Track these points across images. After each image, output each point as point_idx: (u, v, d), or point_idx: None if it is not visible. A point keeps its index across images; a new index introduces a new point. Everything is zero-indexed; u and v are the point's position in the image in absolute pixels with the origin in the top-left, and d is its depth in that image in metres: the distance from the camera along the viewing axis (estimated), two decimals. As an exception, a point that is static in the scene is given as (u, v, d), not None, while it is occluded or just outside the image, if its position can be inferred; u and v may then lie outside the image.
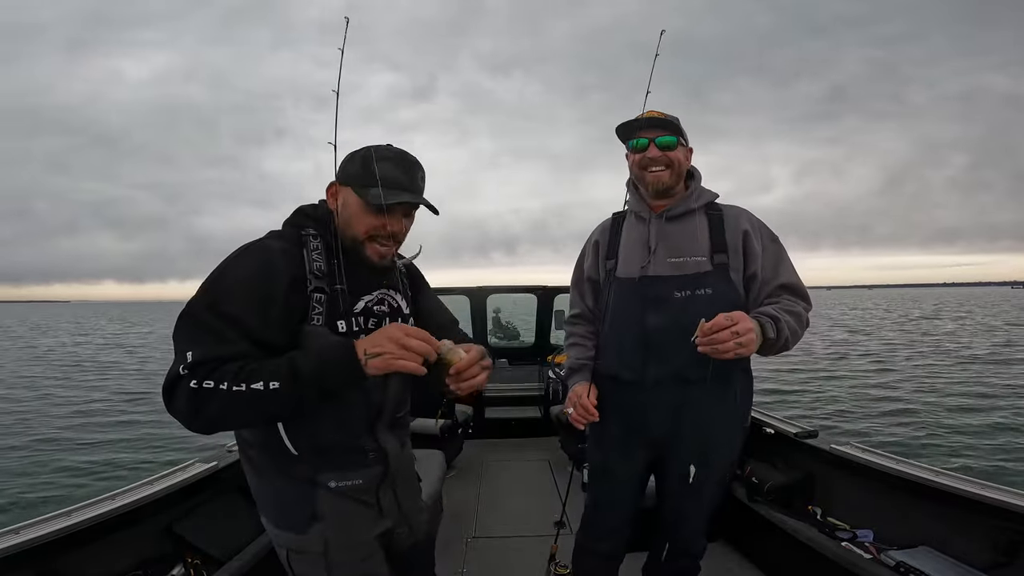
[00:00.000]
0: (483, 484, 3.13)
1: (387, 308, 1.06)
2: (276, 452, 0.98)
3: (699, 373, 1.23)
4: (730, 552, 2.21)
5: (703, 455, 1.33)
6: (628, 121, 1.31)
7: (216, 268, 0.91)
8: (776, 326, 1.15)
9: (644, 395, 1.33)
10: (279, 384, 0.81)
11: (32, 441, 7.39)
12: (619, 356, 1.36)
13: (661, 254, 1.32)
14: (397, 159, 0.97)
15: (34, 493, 5.41)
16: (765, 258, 1.30)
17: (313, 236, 0.98)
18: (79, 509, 1.44)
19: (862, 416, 8.26)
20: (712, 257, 1.29)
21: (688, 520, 1.44)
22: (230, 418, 0.86)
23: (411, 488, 1.20)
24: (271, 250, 0.93)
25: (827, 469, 2.02)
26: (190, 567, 1.56)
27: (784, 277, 1.29)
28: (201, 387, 0.80)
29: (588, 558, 1.56)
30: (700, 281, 1.28)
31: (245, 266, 0.91)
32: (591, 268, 1.49)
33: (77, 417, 8.85)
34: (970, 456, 6.22)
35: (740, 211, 1.36)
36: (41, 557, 1.29)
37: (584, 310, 1.52)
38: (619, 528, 1.51)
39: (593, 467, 1.54)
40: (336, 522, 1.01)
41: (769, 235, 1.34)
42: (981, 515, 1.48)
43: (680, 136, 1.32)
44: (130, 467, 6.21)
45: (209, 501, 1.78)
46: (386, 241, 0.99)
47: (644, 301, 1.31)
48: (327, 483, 1.00)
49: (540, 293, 4.40)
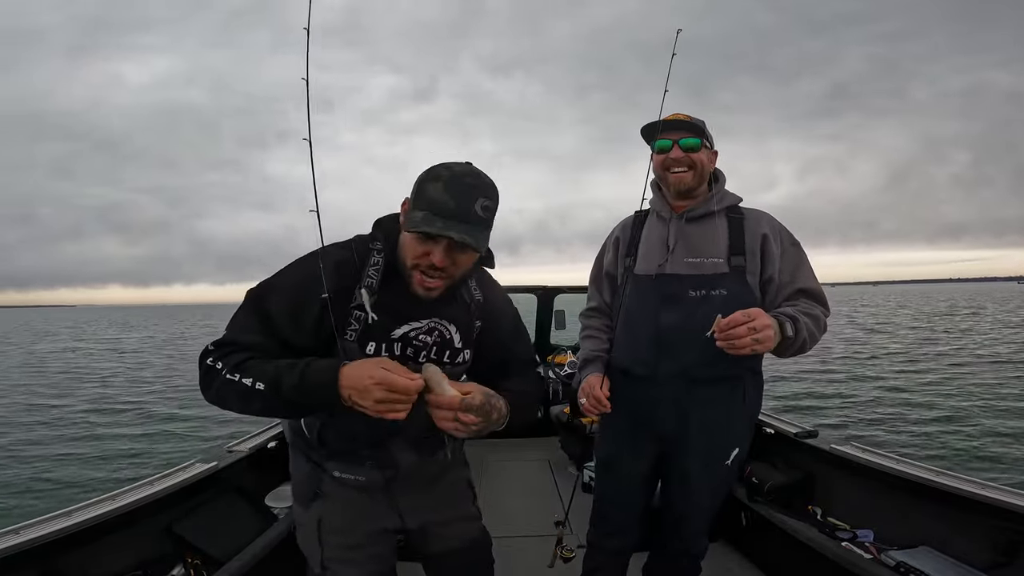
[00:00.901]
0: (483, 484, 3.13)
1: (434, 339, 1.00)
2: (300, 434, 1.08)
3: (708, 373, 1.26)
4: (730, 552, 2.20)
5: (708, 454, 1.34)
6: (652, 122, 1.32)
7: (283, 267, 0.97)
8: (795, 326, 1.15)
9: (654, 391, 1.34)
10: (263, 387, 0.83)
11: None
12: (632, 351, 1.37)
13: (679, 253, 1.34)
14: (450, 180, 0.86)
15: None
16: (784, 262, 1.31)
17: (378, 251, 0.95)
18: (79, 509, 1.44)
19: (901, 421, 7.68)
20: (729, 259, 1.30)
21: (690, 520, 1.44)
22: (228, 401, 0.88)
23: (434, 497, 1.17)
24: (327, 258, 0.91)
25: (827, 469, 2.02)
26: (190, 567, 1.56)
27: (802, 282, 1.29)
28: (213, 366, 0.87)
29: (596, 554, 1.56)
30: (716, 282, 1.29)
31: (297, 270, 0.95)
32: (610, 264, 1.51)
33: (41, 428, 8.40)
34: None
35: (761, 215, 1.36)
36: (41, 557, 1.29)
37: (601, 303, 1.53)
38: (627, 525, 1.51)
39: (600, 461, 1.55)
40: (333, 504, 1.09)
41: (789, 239, 1.34)
42: (981, 515, 1.47)
43: (704, 139, 1.33)
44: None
45: (209, 501, 1.78)
46: (433, 273, 0.90)
47: (659, 298, 1.33)
48: (332, 471, 1.08)
49: (540, 293, 4.40)
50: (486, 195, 0.89)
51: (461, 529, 1.22)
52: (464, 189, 0.86)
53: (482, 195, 0.88)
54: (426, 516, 1.15)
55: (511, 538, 2.42)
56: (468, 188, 0.87)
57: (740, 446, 1.39)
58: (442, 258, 0.88)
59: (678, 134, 1.31)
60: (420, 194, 0.88)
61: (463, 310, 1.05)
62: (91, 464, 6.56)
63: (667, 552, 1.53)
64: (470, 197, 0.86)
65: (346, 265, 0.94)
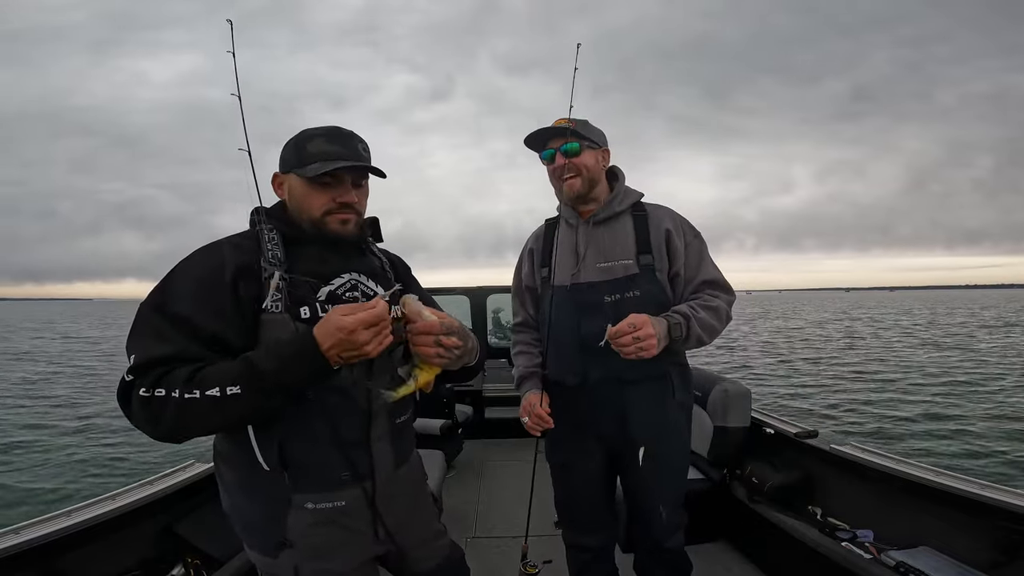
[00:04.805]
0: (483, 484, 3.13)
1: (360, 293, 0.98)
2: (246, 467, 0.90)
3: (635, 374, 1.30)
4: (730, 552, 2.20)
5: (653, 447, 1.36)
6: (534, 132, 1.34)
7: (169, 271, 0.88)
8: (686, 325, 1.23)
9: (589, 397, 1.38)
10: (240, 388, 0.76)
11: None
12: (561, 362, 1.40)
13: (590, 260, 1.36)
14: (328, 133, 0.93)
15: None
16: (688, 255, 1.35)
17: (268, 229, 0.93)
18: (79, 509, 1.44)
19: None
20: (638, 259, 1.33)
21: (653, 512, 1.44)
22: (191, 427, 0.78)
23: (412, 516, 1.09)
24: (220, 245, 0.91)
25: (827, 469, 2.02)
26: (190, 567, 1.56)
27: (705, 273, 1.35)
28: (153, 395, 0.76)
29: (579, 553, 1.57)
30: (628, 284, 1.32)
31: (192, 263, 0.88)
32: (527, 276, 1.53)
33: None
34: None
35: (664, 210, 1.40)
36: (41, 557, 1.29)
37: (527, 318, 1.56)
38: (598, 520, 1.52)
39: (554, 466, 1.54)
40: (309, 550, 0.92)
41: (692, 231, 1.38)
42: (981, 515, 1.47)
43: (585, 140, 1.33)
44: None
45: (209, 501, 1.77)
46: (344, 212, 0.95)
47: (577, 307, 1.36)
48: (303, 504, 0.91)
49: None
50: (361, 140, 0.96)
51: (436, 547, 1.16)
52: (344, 136, 0.94)
53: (358, 140, 0.95)
54: (404, 538, 1.05)
55: (511, 538, 2.42)
56: (347, 136, 0.94)
57: (681, 436, 1.43)
58: (350, 193, 0.94)
59: (558, 141, 1.33)
60: (302, 154, 0.92)
61: (376, 263, 1.07)
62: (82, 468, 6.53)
63: (645, 548, 1.54)
64: (352, 140, 0.94)
65: (242, 245, 0.91)
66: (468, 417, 3.55)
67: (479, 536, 2.48)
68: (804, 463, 2.11)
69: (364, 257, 1.05)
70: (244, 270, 0.87)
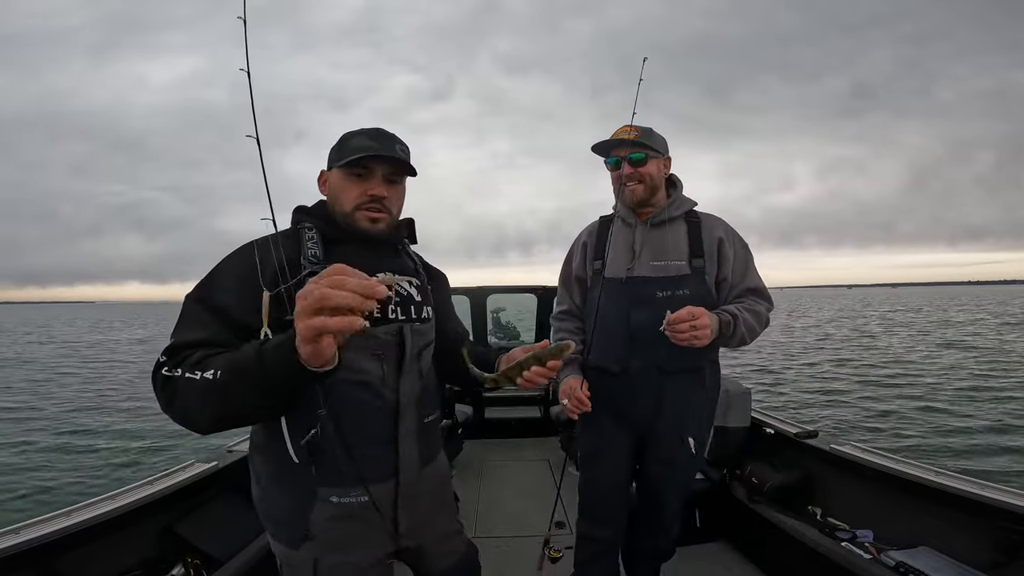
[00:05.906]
0: (483, 484, 3.13)
1: (395, 296, 0.98)
2: (277, 459, 0.91)
3: (674, 365, 1.40)
4: (730, 552, 2.20)
5: (680, 432, 1.46)
6: (602, 141, 1.43)
7: (214, 266, 0.90)
8: (734, 323, 1.33)
9: (630, 385, 1.45)
10: (227, 375, 0.72)
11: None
12: (607, 350, 1.47)
13: (645, 257, 1.45)
14: (371, 132, 0.96)
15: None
16: (736, 264, 1.45)
17: (308, 228, 0.96)
18: (79, 509, 1.44)
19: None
20: (691, 261, 1.43)
21: (665, 500, 1.54)
22: (191, 409, 0.75)
23: (433, 509, 1.10)
24: (262, 242, 0.91)
25: (827, 469, 2.02)
26: (190, 567, 1.56)
27: (750, 281, 1.46)
28: (171, 375, 0.76)
29: (588, 546, 1.62)
30: (680, 283, 1.41)
31: (234, 258, 0.90)
32: (579, 267, 1.61)
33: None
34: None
35: (716, 220, 1.49)
36: (41, 557, 1.29)
37: (572, 307, 1.63)
38: (616, 514, 1.59)
39: (585, 452, 1.62)
40: (329, 543, 0.94)
41: (740, 243, 1.48)
42: (981, 515, 1.48)
43: (650, 150, 1.41)
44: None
45: (209, 501, 1.78)
46: (374, 207, 0.96)
47: (629, 300, 1.44)
48: (328, 498, 0.93)
49: (540, 293, 4.40)
50: (401, 142, 0.98)
51: (453, 545, 1.18)
52: (383, 136, 0.96)
53: (399, 142, 0.97)
54: (423, 535, 1.08)
55: (511, 538, 2.42)
56: (387, 135, 0.96)
57: (703, 425, 1.52)
58: (381, 187, 0.96)
59: (625, 150, 1.42)
60: (343, 150, 0.95)
61: (409, 265, 1.08)
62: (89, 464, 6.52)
63: (642, 535, 1.63)
64: (391, 140, 0.96)
65: (285, 244, 0.90)
66: (468, 417, 3.55)
67: (479, 536, 2.48)
68: (804, 463, 2.11)
69: (399, 258, 1.07)
70: (289, 267, 0.87)
